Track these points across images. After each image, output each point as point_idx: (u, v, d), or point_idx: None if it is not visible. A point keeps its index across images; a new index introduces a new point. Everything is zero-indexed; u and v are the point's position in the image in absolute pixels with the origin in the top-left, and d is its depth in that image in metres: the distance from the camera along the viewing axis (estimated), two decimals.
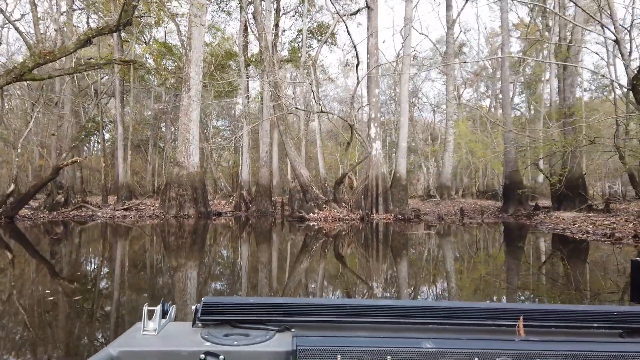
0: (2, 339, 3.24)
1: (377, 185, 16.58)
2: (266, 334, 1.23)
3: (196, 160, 17.83)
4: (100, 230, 13.07)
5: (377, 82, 17.39)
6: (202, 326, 1.28)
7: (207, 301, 1.29)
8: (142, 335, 1.21)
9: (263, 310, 1.29)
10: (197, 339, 1.19)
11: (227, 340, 1.18)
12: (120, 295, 4.68)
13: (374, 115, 17.02)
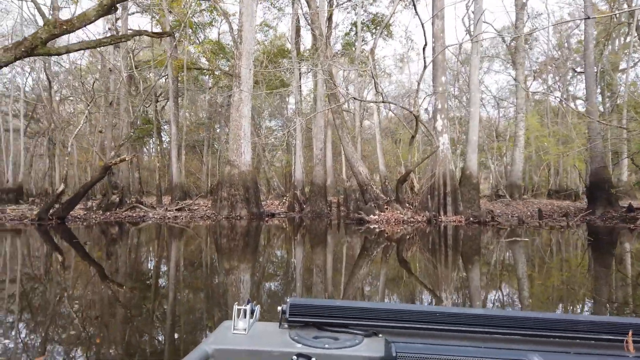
0: (101, 336, 3.27)
1: (445, 183, 14.87)
2: (355, 338, 1.22)
3: (248, 158, 16.93)
4: (150, 231, 12.39)
5: (443, 69, 15.67)
6: (288, 327, 1.30)
7: (294, 302, 1.30)
8: (233, 334, 1.25)
9: (349, 314, 1.28)
10: (287, 339, 1.22)
11: (318, 342, 1.18)
12: (191, 297, 4.64)
13: (440, 106, 15.32)
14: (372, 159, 35.45)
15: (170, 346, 3.12)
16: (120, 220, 15.01)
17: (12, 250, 8.17)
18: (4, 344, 3.13)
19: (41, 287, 5.20)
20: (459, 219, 14.30)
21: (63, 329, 3.47)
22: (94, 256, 7.72)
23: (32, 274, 5.88)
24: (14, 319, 3.77)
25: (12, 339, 3.27)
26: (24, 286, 5.15)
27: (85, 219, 14.46)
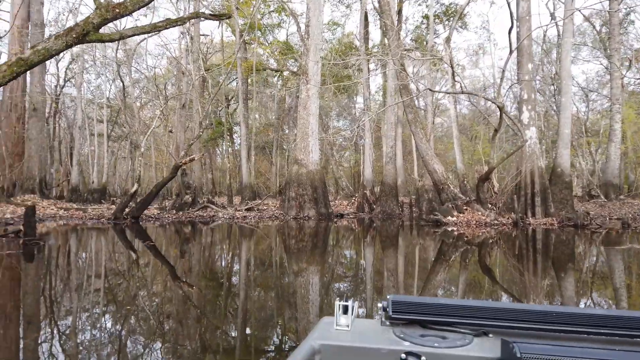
0: (199, 332, 3.28)
1: (533, 182, 13.37)
2: (464, 337, 1.19)
3: (316, 157, 16.43)
4: (220, 231, 12.25)
5: (530, 55, 14.14)
6: (390, 324, 1.28)
7: (395, 299, 1.29)
8: (336, 330, 1.24)
9: (454, 312, 1.26)
10: (392, 337, 1.20)
11: (426, 341, 1.16)
12: (275, 295, 4.64)
13: (526, 96, 13.81)
14: (445, 157, 33.75)
15: (260, 342, 3.11)
16: (191, 220, 15.12)
17: (87, 249, 8.20)
18: (93, 336, 3.17)
19: (125, 284, 5.10)
20: (550, 221, 12.75)
21: (168, 326, 3.47)
22: (168, 255, 7.54)
23: (106, 272, 5.67)
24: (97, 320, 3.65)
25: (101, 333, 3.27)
26: (106, 283, 4.89)
27: (158, 218, 14.70)
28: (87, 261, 6.65)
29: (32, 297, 4.42)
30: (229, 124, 30.89)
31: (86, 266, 6.24)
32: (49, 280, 5.16)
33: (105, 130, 30.10)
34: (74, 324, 3.46)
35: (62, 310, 3.85)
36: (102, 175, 27.84)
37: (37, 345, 2.96)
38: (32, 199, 16.67)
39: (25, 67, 5.18)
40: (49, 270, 5.76)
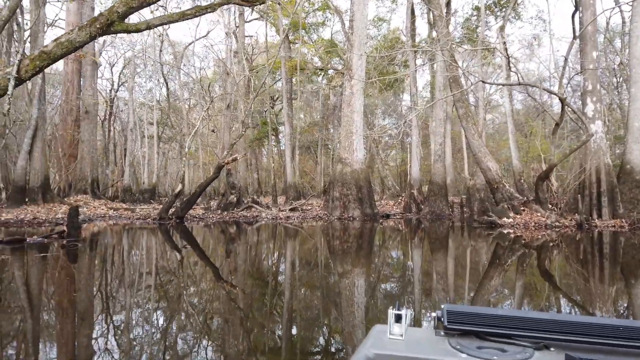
0: (247, 336, 3.22)
1: (599, 180, 12.21)
2: (524, 351, 1.13)
3: (360, 156, 15.92)
4: (262, 232, 12.03)
5: (594, 43, 12.95)
6: (445, 335, 1.25)
7: (450, 309, 1.27)
8: (390, 339, 1.22)
9: (512, 324, 1.22)
10: (448, 348, 1.17)
11: (483, 353, 1.12)
12: (321, 299, 4.52)
13: (591, 87, 12.65)
14: (497, 155, 32.17)
15: (309, 349, 3.04)
16: (235, 220, 15.04)
17: (126, 249, 8.15)
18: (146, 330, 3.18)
19: (161, 285, 4.93)
20: (619, 223, 11.58)
21: (214, 331, 3.41)
22: (210, 256, 7.33)
23: (139, 274, 5.49)
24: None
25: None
26: (139, 285, 4.70)
27: (203, 218, 14.72)
28: (121, 263, 6.52)
29: (55, 299, 4.25)
30: (274, 123, 30.88)
31: (120, 269, 6.08)
32: (76, 283, 5.01)
33: (156, 132, 30.92)
34: (98, 331, 3.20)
35: (83, 314, 3.62)
36: (152, 176, 28.60)
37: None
38: (85, 199, 17.25)
39: (49, 61, 5.11)
40: (79, 272, 5.62)
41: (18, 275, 5.06)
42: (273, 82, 36.14)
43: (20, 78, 5.19)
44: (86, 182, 18.88)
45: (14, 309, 3.79)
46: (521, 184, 15.49)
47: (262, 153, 43.00)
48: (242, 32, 26.43)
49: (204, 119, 19.17)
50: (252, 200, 19.82)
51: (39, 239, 7.50)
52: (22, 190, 14.29)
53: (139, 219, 13.94)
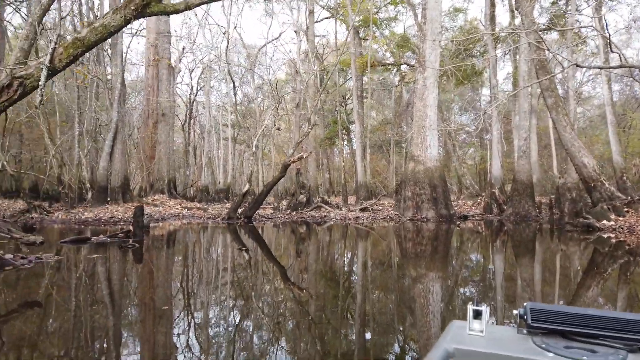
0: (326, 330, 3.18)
1: None
2: (617, 352, 1.08)
3: (435, 152, 14.90)
4: (330, 232, 11.57)
5: None
6: (528, 333, 1.22)
7: (534, 307, 1.24)
8: (469, 335, 1.21)
9: (601, 324, 1.17)
10: (532, 347, 1.14)
11: (572, 353, 1.09)
12: (401, 297, 4.43)
13: None
14: (590, 151, 29.14)
15: (385, 344, 2.99)
16: (303, 220, 14.73)
17: (187, 249, 8.03)
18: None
19: (217, 288, 4.65)
20: None
21: (291, 327, 3.34)
22: (276, 256, 6.99)
23: (192, 275, 5.22)
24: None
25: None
26: (188, 287, 4.41)
27: (271, 218, 14.56)
28: (173, 263, 6.28)
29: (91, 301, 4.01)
30: (345, 122, 30.42)
31: (170, 269, 5.84)
32: (112, 285, 4.79)
33: (230, 134, 31.80)
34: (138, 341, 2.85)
35: (110, 318, 3.30)
36: (227, 176, 29.39)
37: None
38: (161, 199, 17.92)
39: (83, 48, 4.98)
40: (121, 274, 5.42)
41: (58, 278, 4.90)
42: (344, 81, 35.78)
43: (54, 68, 5.08)
44: (163, 182, 19.66)
45: (42, 313, 3.58)
46: (623, 182, 13.60)
47: (334, 152, 42.80)
48: (312, 31, 26.25)
49: (274, 118, 19.12)
50: (322, 200, 19.46)
51: (103, 239, 7.57)
52: (105, 190, 15.10)
53: (209, 218, 14.10)
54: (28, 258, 5.02)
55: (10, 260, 4.87)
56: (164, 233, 10.73)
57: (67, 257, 5.91)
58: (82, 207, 14.05)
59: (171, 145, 21.41)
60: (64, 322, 3.34)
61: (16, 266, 4.75)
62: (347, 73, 32.34)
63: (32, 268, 4.87)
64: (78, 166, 15.48)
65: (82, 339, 2.97)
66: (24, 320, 3.36)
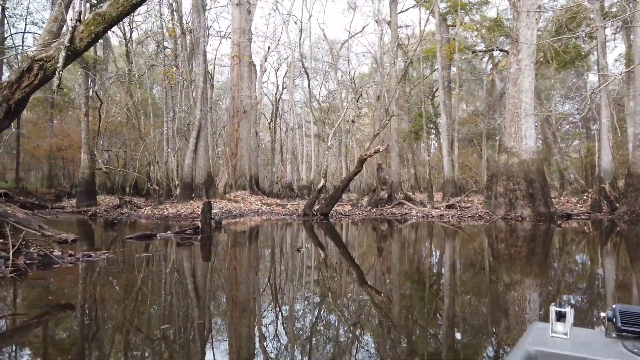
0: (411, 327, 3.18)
1: None
2: None
3: (531, 143, 13.35)
4: (411, 230, 10.78)
5: None
6: (617, 337, 1.16)
7: (624, 310, 1.18)
8: (552, 337, 1.18)
9: None
10: (623, 351, 1.08)
11: None
12: (484, 297, 4.17)
13: None
14: None
15: (466, 343, 2.89)
16: (382, 217, 14.03)
17: (251, 247, 7.79)
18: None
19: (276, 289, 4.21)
20: None
21: (374, 326, 3.24)
22: (353, 255, 6.50)
23: (249, 274, 4.87)
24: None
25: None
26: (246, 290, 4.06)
27: (348, 215, 14.06)
28: (227, 262, 5.90)
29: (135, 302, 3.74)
30: (430, 115, 28.97)
31: (221, 268, 5.51)
32: (148, 285, 4.53)
33: (312, 130, 31.87)
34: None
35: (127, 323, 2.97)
36: (310, 173, 29.47)
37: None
38: (242, 195, 18.25)
39: (105, 25, 4.77)
40: (162, 273, 5.14)
41: (94, 278, 4.72)
42: (430, 72, 34.17)
43: (75, 49, 4.89)
44: (245, 178, 20.06)
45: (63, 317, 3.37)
46: None
47: (420, 147, 41.20)
48: (395, 21, 25.25)
49: (353, 112, 18.59)
50: (404, 196, 18.56)
51: (168, 235, 7.54)
52: (190, 187, 15.66)
53: (285, 215, 13.96)
54: (76, 256, 4.96)
55: (57, 258, 4.80)
56: (234, 229, 10.66)
57: (117, 255, 5.64)
58: (169, 203, 14.68)
59: (253, 142, 21.80)
60: (70, 329, 3.10)
61: (60, 265, 4.64)
62: (433, 64, 30.80)
63: (74, 267, 4.70)
64: (167, 164, 16.22)
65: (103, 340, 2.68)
66: (40, 326, 3.17)
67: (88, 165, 16.99)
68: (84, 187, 17.26)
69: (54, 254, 4.73)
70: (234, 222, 12.18)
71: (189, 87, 17.87)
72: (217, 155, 24.89)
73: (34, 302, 3.62)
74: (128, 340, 2.77)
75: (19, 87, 5.06)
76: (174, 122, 17.55)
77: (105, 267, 4.79)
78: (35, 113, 35.15)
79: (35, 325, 2.99)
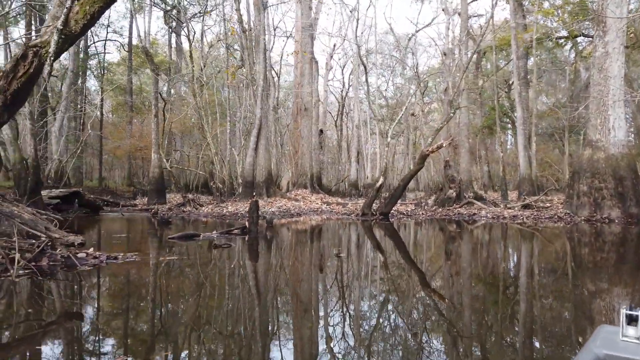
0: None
1: None
2: None
3: (621, 136, 11.81)
4: (480, 232, 9.91)
5: None
6: None
7: None
8: (622, 341, 1.12)
9: None
10: None
11: None
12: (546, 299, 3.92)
13: None
14: None
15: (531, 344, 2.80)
16: (447, 217, 13.14)
17: (296, 248, 7.43)
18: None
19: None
20: None
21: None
22: (414, 258, 5.93)
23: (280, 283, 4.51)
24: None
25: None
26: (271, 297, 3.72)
27: (411, 215, 13.32)
28: (267, 269, 5.39)
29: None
30: (505, 108, 27.11)
31: (249, 276, 5.12)
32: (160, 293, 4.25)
33: (377, 128, 31.17)
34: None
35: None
36: (375, 171, 28.81)
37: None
38: (303, 194, 18.06)
39: (101, 4, 4.51)
40: (179, 284, 4.78)
41: (104, 283, 4.46)
42: (506, 63, 32.05)
43: (71, 32, 4.59)
44: (305, 177, 19.88)
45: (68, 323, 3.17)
46: None
47: (495, 143, 38.87)
48: (465, 10, 23.88)
49: (418, 106, 17.72)
50: (474, 195, 17.39)
51: (212, 235, 7.33)
52: (251, 185, 15.74)
53: (344, 214, 13.52)
54: (100, 258, 4.82)
55: (81, 260, 4.66)
56: (286, 229, 10.32)
57: (142, 258, 5.28)
58: (231, 202, 14.84)
59: (314, 140, 21.58)
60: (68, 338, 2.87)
61: (77, 267, 4.44)
62: (509, 54, 28.80)
63: (93, 270, 4.50)
64: (230, 162, 16.44)
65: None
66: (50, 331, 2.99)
67: (158, 164, 17.69)
68: (154, 186, 18.01)
69: (78, 256, 4.65)
70: (288, 222, 11.93)
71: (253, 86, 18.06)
72: (282, 154, 25.03)
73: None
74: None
75: (14, 77, 4.75)
76: (238, 121, 17.77)
77: (120, 272, 4.56)
78: (117, 116, 37.79)
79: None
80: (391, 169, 40.69)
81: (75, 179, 26.88)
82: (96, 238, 8.09)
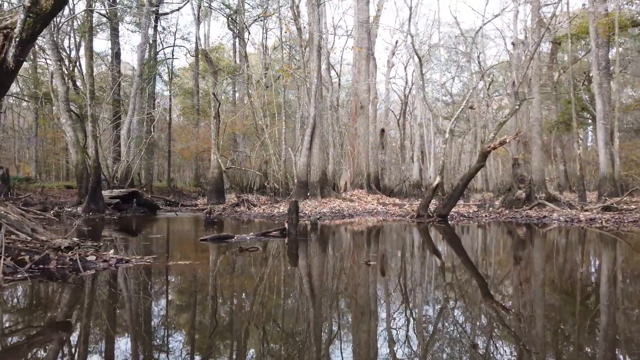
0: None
1: None
2: None
3: None
4: (551, 237, 8.95)
5: None
6: None
7: None
8: None
9: None
10: None
11: None
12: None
13: None
14: None
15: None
16: (513, 220, 12.09)
17: (336, 253, 7.01)
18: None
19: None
20: None
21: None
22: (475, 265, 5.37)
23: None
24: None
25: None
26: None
27: (472, 217, 12.41)
28: (292, 280, 4.77)
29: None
30: (583, 102, 24.91)
31: (270, 283, 4.76)
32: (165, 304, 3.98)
33: (440, 126, 29.88)
34: None
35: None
36: (438, 171, 27.67)
37: None
38: (359, 194, 17.57)
39: None
40: (187, 294, 4.40)
41: (99, 291, 4.26)
42: (585, 53, 29.47)
43: (41, 10, 3.88)
44: (362, 177, 19.35)
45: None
46: None
47: (573, 139, 35.89)
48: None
49: (484, 100, 16.62)
50: (546, 196, 16.02)
51: (248, 237, 7.02)
52: (305, 185, 15.53)
53: (399, 216, 12.89)
54: (109, 261, 4.65)
55: (90, 263, 4.47)
56: (331, 232, 9.82)
57: (154, 263, 4.93)
58: (284, 202, 14.71)
59: (372, 139, 20.97)
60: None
61: (80, 272, 4.22)
62: (588, 44, 26.42)
63: (101, 274, 4.30)
64: (286, 162, 16.37)
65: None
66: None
67: (217, 165, 18.03)
68: (213, 186, 18.39)
69: (88, 259, 4.52)
70: (337, 224, 11.48)
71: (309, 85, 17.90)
72: (341, 153, 24.71)
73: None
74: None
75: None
76: (298, 121, 17.68)
77: (123, 277, 4.29)
78: (186, 119, 39.50)
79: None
80: (457, 168, 38.93)
81: (145, 180, 28.33)
82: (131, 239, 8.10)
